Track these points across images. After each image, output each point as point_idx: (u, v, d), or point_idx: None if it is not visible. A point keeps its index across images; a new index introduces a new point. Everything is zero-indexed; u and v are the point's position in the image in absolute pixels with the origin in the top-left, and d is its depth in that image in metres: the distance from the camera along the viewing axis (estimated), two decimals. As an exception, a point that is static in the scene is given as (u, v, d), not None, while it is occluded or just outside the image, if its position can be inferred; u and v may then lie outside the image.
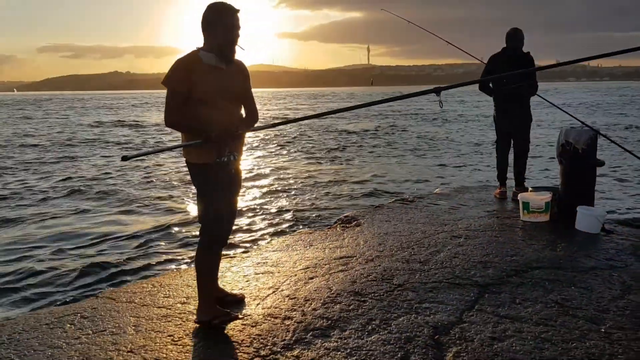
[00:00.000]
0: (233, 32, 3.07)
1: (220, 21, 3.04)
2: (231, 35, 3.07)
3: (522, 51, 6.01)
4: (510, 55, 5.99)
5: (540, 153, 11.91)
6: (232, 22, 3.06)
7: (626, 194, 8.94)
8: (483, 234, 4.89)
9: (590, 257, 4.31)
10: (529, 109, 6.11)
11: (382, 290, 3.65)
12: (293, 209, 7.71)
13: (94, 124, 30.10)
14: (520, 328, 3.07)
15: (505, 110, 6.14)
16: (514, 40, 5.97)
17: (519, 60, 5.92)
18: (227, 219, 3.28)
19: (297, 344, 2.94)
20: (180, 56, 3.10)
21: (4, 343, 3.09)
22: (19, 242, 6.36)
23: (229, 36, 3.07)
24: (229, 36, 3.07)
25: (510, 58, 5.96)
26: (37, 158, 14.91)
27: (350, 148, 16.41)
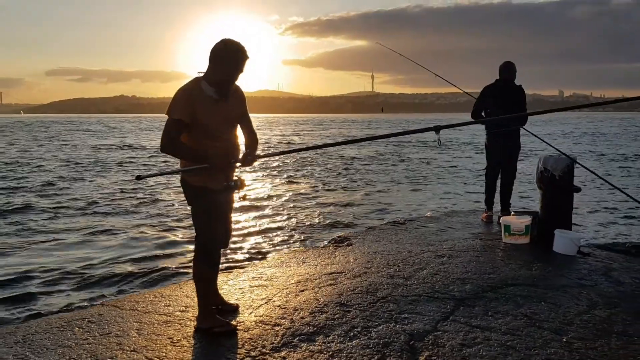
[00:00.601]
0: (238, 74, 3.34)
1: (231, 61, 3.28)
2: (235, 77, 3.35)
3: (514, 83, 6.39)
4: (502, 87, 6.37)
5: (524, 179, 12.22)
6: (241, 66, 3.32)
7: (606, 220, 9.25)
8: (465, 254, 5.20)
9: (563, 276, 4.61)
10: (518, 139, 6.46)
11: (366, 302, 3.95)
12: (290, 229, 8.03)
13: (101, 146, 30.58)
14: (488, 337, 3.37)
15: (497, 141, 6.48)
16: (507, 72, 6.35)
17: (510, 92, 6.30)
18: (222, 237, 3.59)
19: (284, 347, 3.25)
20: (183, 84, 3.37)
21: (19, 342, 3.40)
22: (31, 253, 6.67)
23: (234, 77, 3.34)
24: (234, 77, 3.34)
25: (502, 90, 6.33)
26: (58, 177, 15.28)
27: (354, 173, 16.76)
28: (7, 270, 5.92)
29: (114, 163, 20.24)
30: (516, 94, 6.30)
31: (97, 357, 3.14)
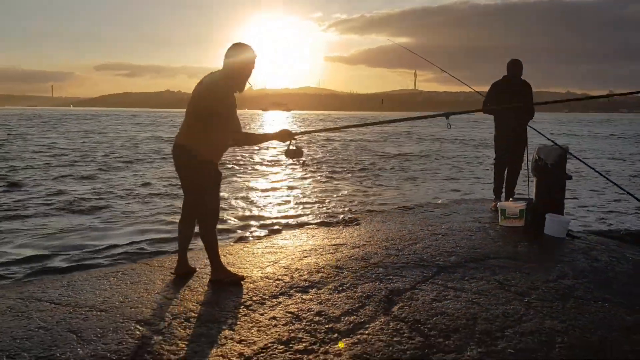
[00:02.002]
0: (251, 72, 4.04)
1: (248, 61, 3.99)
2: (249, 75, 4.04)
3: (520, 79, 6.83)
4: (509, 83, 6.81)
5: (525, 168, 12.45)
6: (254, 66, 4.03)
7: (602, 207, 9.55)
8: (460, 233, 5.70)
9: (545, 253, 5.08)
10: (524, 132, 6.88)
11: (359, 266, 4.53)
12: (307, 212, 8.65)
13: (151, 138, 31.90)
14: (459, 295, 3.90)
15: (505, 133, 6.92)
16: (513, 69, 6.80)
17: (517, 88, 6.74)
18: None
19: (281, 295, 3.86)
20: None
21: (64, 286, 4.11)
22: (89, 225, 7.50)
23: (249, 75, 4.03)
24: (248, 75, 4.03)
25: (509, 85, 6.78)
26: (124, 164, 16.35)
27: (385, 168, 17.21)
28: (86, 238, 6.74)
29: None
30: (522, 89, 6.74)
31: (127, 298, 3.82)
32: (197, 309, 3.60)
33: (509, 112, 6.72)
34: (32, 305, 3.64)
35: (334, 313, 3.51)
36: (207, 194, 4.05)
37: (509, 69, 6.89)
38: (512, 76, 6.86)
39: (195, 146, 3.93)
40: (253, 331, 3.24)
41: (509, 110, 6.69)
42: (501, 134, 6.99)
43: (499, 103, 6.78)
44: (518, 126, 6.79)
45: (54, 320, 3.35)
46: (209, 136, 3.95)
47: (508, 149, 6.95)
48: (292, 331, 3.23)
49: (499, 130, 7.04)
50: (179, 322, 3.35)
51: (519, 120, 6.72)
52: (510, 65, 6.87)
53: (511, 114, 6.73)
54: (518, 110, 6.69)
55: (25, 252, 6.28)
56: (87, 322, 3.32)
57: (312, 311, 3.54)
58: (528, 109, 6.78)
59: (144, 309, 3.58)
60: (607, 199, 10.31)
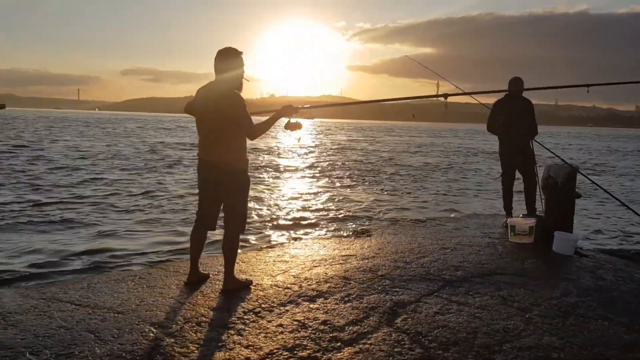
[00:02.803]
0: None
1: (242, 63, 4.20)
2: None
3: (522, 97, 6.94)
4: (511, 100, 6.92)
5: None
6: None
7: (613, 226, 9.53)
8: (468, 248, 5.81)
9: (551, 270, 5.16)
10: (528, 148, 6.96)
11: (366, 277, 4.67)
12: (321, 221, 8.81)
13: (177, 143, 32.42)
14: (461, 309, 4.01)
15: (509, 148, 7.02)
16: (514, 87, 6.90)
17: (519, 105, 6.85)
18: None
19: (290, 303, 4.02)
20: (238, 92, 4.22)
21: (84, 288, 4.32)
22: (108, 231, 7.76)
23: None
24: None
25: (512, 103, 6.89)
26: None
27: (405, 178, 17.29)
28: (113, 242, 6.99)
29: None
30: (524, 106, 6.84)
31: (143, 301, 4.01)
32: (208, 313, 3.77)
33: (512, 129, 6.84)
34: (54, 305, 3.85)
35: (339, 322, 3.66)
36: (241, 204, 4.27)
37: (511, 86, 7.00)
38: (513, 93, 6.97)
39: (232, 160, 4.14)
40: (260, 337, 3.40)
41: (511, 128, 6.81)
42: (505, 150, 7.09)
43: (503, 119, 6.89)
44: (521, 142, 6.89)
45: (74, 320, 3.56)
46: (240, 147, 4.19)
47: (513, 164, 7.05)
48: (298, 339, 3.39)
49: (502, 147, 7.15)
50: (191, 326, 3.53)
51: (522, 136, 6.84)
52: (512, 83, 6.99)
53: (514, 131, 6.84)
54: (520, 127, 6.80)
55: (49, 253, 6.53)
56: (105, 323, 3.51)
57: (318, 320, 3.69)
58: (531, 126, 6.90)
59: (158, 312, 3.77)
60: (618, 218, 10.28)
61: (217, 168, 4.16)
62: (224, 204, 4.30)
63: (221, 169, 4.15)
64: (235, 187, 4.23)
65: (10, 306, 3.82)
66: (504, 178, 7.23)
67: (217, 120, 4.11)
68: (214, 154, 4.17)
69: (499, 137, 7.11)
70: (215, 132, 4.14)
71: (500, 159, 7.24)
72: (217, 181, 4.19)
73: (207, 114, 4.18)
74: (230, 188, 4.21)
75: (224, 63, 4.15)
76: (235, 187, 4.23)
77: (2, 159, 18.42)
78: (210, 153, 4.19)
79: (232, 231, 4.31)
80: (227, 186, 4.19)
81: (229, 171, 4.16)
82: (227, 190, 4.21)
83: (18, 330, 3.36)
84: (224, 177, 4.16)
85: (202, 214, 4.37)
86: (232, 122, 4.09)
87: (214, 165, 4.17)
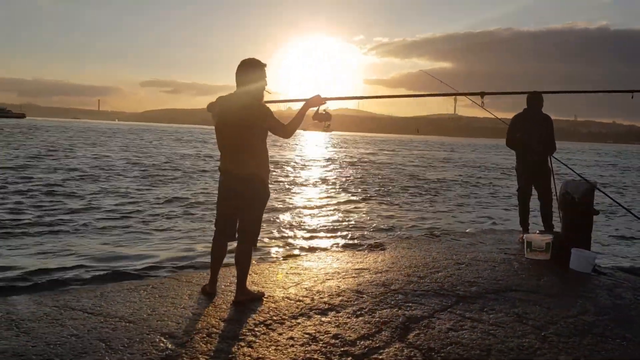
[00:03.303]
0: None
1: (264, 75, 4.23)
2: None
3: (541, 112, 6.87)
4: (530, 116, 6.86)
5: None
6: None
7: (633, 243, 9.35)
8: (483, 264, 5.73)
9: (568, 288, 5.07)
10: (545, 164, 6.88)
11: (379, 291, 4.62)
12: (335, 234, 8.79)
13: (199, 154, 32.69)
14: (475, 326, 3.95)
15: (526, 163, 6.95)
16: (534, 102, 6.84)
17: (538, 121, 6.79)
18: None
19: (301, 316, 3.99)
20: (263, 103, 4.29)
21: (97, 297, 4.33)
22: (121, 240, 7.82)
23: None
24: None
25: (530, 118, 6.83)
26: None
27: (421, 192, 17.20)
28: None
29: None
30: (543, 122, 6.77)
31: (154, 311, 4.01)
32: (219, 325, 3.76)
33: (529, 145, 6.77)
34: (66, 313, 3.87)
35: (350, 337, 3.62)
36: (257, 217, 4.28)
37: (529, 101, 6.94)
38: (532, 109, 6.91)
39: (254, 170, 4.16)
40: (271, 350, 3.37)
41: (529, 143, 6.74)
42: (522, 165, 7.02)
43: (521, 135, 6.83)
44: (538, 158, 6.82)
45: (85, 328, 3.56)
46: (262, 157, 4.21)
47: (529, 180, 6.97)
48: (308, 352, 3.35)
49: (519, 162, 7.08)
50: (201, 337, 3.52)
51: (539, 152, 6.76)
52: (531, 98, 6.92)
53: (531, 146, 6.77)
54: (538, 143, 6.73)
55: (66, 260, 6.59)
56: (116, 332, 3.51)
57: (329, 334, 3.65)
58: (549, 142, 6.83)
59: (169, 322, 3.76)
60: (638, 236, 10.11)
61: (238, 178, 4.16)
62: (241, 217, 4.28)
63: (242, 179, 4.15)
64: (254, 199, 4.22)
65: (24, 313, 3.84)
66: (520, 194, 7.15)
67: (240, 131, 4.12)
68: (235, 165, 4.17)
69: (516, 153, 7.05)
70: (237, 143, 4.15)
71: (517, 174, 7.17)
72: (237, 192, 4.18)
73: (228, 125, 4.17)
74: (249, 199, 4.20)
75: (247, 74, 4.16)
76: (254, 199, 4.22)
77: (24, 167, 18.72)
78: (231, 164, 4.19)
79: (246, 243, 4.30)
80: (247, 197, 4.19)
81: (250, 182, 4.16)
82: (246, 201, 4.20)
83: (30, 338, 3.38)
84: (244, 187, 4.16)
85: (220, 225, 4.35)
86: (254, 132, 4.12)
87: (235, 175, 4.17)
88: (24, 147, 30.51)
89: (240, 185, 4.15)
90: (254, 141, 4.15)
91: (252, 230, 4.27)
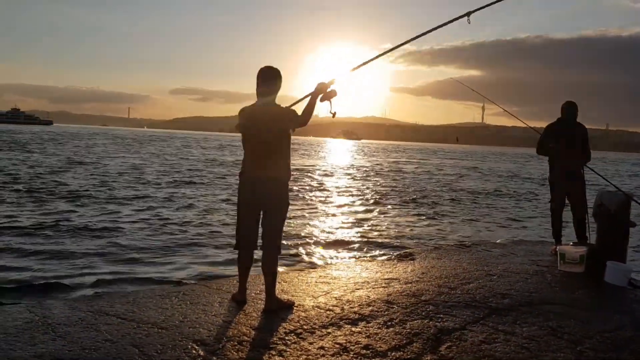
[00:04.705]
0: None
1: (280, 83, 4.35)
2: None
3: (575, 121, 6.75)
4: (564, 125, 6.74)
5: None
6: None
7: None
8: (516, 275, 5.64)
9: (603, 301, 4.95)
10: (581, 174, 6.75)
11: (410, 302, 4.58)
12: (364, 242, 8.76)
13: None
14: (509, 339, 3.88)
15: (559, 174, 6.82)
16: (568, 111, 6.73)
17: (572, 130, 6.67)
18: None
19: (331, 326, 3.98)
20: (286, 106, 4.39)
21: (130, 303, 4.39)
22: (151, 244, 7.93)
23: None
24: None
25: (564, 127, 6.72)
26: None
27: (452, 202, 17.03)
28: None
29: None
30: (577, 131, 6.65)
31: (186, 318, 4.04)
32: (250, 333, 3.77)
33: (563, 155, 6.65)
34: (101, 318, 3.92)
35: (381, 348, 3.59)
36: (281, 224, 4.33)
37: (564, 111, 6.82)
38: (567, 118, 6.79)
39: (286, 176, 4.28)
40: (301, 359, 3.36)
41: (562, 153, 6.63)
42: (555, 176, 6.89)
43: (554, 144, 6.72)
44: (572, 168, 6.69)
45: (119, 334, 3.61)
46: (289, 163, 4.31)
47: (562, 191, 6.84)
48: (339, 362, 3.34)
49: (553, 173, 6.95)
50: (233, 345, 3.53)
51: (573, 162, 6.64)
52: (565, 107, 6.81)
53: (565, 156, 6.65)
54: (572, 153, 6.61)
55: (100, 266, 6.71)
56: (149, 338, 3.55)
57: (360, 344, 3.63)
58: (583, 152, 6.70)
59: (201, 329, 3.79)
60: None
61: (267, 183, 4.19)
62: (265, 222, 4.29)
63: (271, 183, 4.20)
64: (281, 203, 4.28)
65: (59, 317, 3.90)
66: (553, 204, 7.02)
67: (272, 134, 4.19)
68: (264, 170, 4.19)
69: (550, 163, 6.93)
70: (268, 147, 4.20)
71: (550, 185, 7.05)
72: (264, 196, 4.21)
73: (260, 130, 4.20)
74: (277, 203, 4.25)
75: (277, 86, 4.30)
76: (281, 203, 4.28)
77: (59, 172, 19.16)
78: (260, 169, 4.20)
79: (273, 251, 4.32)
80: (274, 201, 4.24)
81: (278, 186, 4.23)
82: (273, 205, 4.25)
83: (66, 342, 3.43)
84: (272, 191, 4.21)
85: (244, 232, 4.37)
86: (282, 136, 4.22)
87: (264, 180, 4.19)
88: (75, 152, 31.22)
89: (268, 190, 4.19)
90: (285, 143, 4.26)
91: (278, 236, 4.30)
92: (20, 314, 3.97)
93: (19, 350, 3.27)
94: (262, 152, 4.21)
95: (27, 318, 3.86)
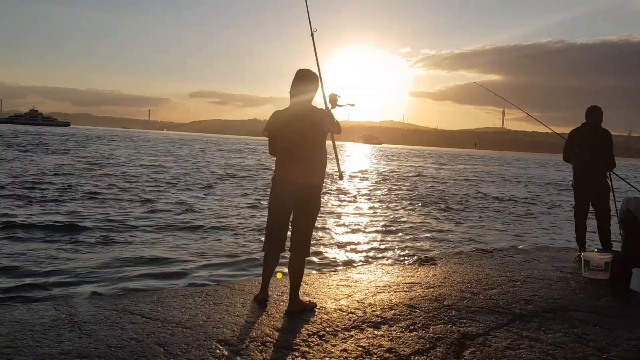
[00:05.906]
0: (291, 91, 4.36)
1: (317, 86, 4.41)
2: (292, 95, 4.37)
3: (599, 127, 6.66)
4: (588, 130, 6.66)
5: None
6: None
7: None
8: (539, 282, 5.58)
9: (629, 309, 4.87)
10: (605, 180, 6.66)
11: (432, 307, 4.56)
12: (386, 246, 8.73)
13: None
14: (533, 345, 3.84)
15: (583, 179, 6.74)
16: (592, 116, 6.65)
17: (596, 135, 6.58)
18: None
19: (354, 328, 3.97)
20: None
21: (154, 302, 4.43)
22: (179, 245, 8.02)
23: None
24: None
25: (588, 133, 6.64)
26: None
27: (477, 208, 16.91)
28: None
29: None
30: (601, 137, 6.56)
31: (209, 318, 4.07)
32: (273, 334, 3.78)
33: (587, 160, 6.57)
34: (126, 317, 3.97)
35: (404, 351, 3.58)
36: (312, 227, 4.38)
37: (588, 115, 6.74)
38: (591, 123, 6.71)
39: (322, 180, 4.34)
40: (325, 361, 3.37)
41: (586, 159, 6.55)
42: (579, 181, 6.81)
43: (579, 150, 6.64)
44: (596, 174, 6.60)
45: (144, 332, 3.65)
46: (324, 163, 4.34)
47: (587, 197, 6.76)
48: (362, 365, 3.33)
49: (576, 178, 6.86)
50: (256, 345, 3.55)
51: (597, 167, 6.56)
52: (590, 111, 6.72)
53: (589, 162, 6.57)
54: (596, 159, 6.53)
55: (126, 268, 6.80)
56: (174, 337, 3.58)
57: (383, 347, 3.62)
58: (608, 158, 6.61)
59: (224, 329, 3.81)
60: None
61: (304, 186, 4.21)
62: (297, 225, 4.31)
63: (308, 187, 4.22)
64: (315, 207, 4.31)
65: (85, 316, 3.96)
66: (577, 210, 6.94)
67: (312, 137, 4.21)
68: (301, 173, 4.20)
69: (573, 168, 6.85)
70: (308, 150, 4.21)
71: (574, 191, 6.96)
72: (299, 200, 4.22)
73: (298, 133, 4.20)
74: (312, 207, 4.29)
75: (311, 89, 4.31)
76: (315, 207, 4.31)
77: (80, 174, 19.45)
78: (297, 172, 4.20)
79: (303, 254, 4.34)
80: (310, 205, 4.27)
81: (314, 189, 4.26)
82: (308, 208, 4.28)
83: (92, 340, 3.48)
84: (308, 195, 4.23)
85: (275, 233, 4.38)
86: (320, 140, 4.26)
87: (302, 184, 4.20)
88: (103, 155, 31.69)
89: (308, 196, 4.23)
90: (323, 146, 4.30)
91: (309, 240, 4.34)
92: (47, 311, 4.03)
93: (46, 348, 3.31)
94: (305, 156, 4.20)
95: (53, 316, 3.92)
